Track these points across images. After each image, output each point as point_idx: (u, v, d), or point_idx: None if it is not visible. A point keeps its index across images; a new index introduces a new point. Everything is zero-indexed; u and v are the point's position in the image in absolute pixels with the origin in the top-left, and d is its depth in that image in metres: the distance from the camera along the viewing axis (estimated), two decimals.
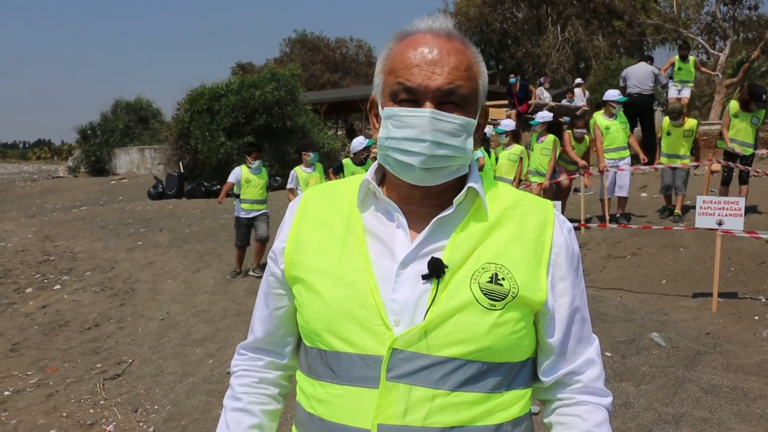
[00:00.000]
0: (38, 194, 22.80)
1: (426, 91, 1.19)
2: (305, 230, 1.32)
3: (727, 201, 6.20)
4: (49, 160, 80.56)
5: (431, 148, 1.18)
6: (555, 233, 1.28)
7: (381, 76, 1.27)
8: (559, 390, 1.32)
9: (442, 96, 1.19)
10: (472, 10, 35.56)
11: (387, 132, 1.21)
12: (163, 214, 14.31)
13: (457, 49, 1.22)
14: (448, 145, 1.19)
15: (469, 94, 1.22)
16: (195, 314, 7.28)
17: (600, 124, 9.41)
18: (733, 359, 4.81)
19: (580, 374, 1.30)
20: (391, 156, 1.21)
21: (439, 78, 1.19)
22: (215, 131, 18.23)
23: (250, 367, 1.45)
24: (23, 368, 6.01)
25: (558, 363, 1.30)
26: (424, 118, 1.18)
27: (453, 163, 1.22)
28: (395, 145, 1.20)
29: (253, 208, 8.68)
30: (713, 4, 24.19)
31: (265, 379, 1.44)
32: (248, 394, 1.42)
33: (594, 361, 1.31)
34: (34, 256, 11.03)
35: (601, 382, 1.32)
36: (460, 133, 1.20)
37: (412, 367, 1.16)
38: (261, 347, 1.44)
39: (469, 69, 1.22)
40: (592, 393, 1.30)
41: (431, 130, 1.17)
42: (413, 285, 1.19)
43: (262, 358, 1.44)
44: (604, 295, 6.70)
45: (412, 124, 1.18)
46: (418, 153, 1.18)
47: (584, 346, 1.31)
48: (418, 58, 1.20)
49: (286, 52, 50.98)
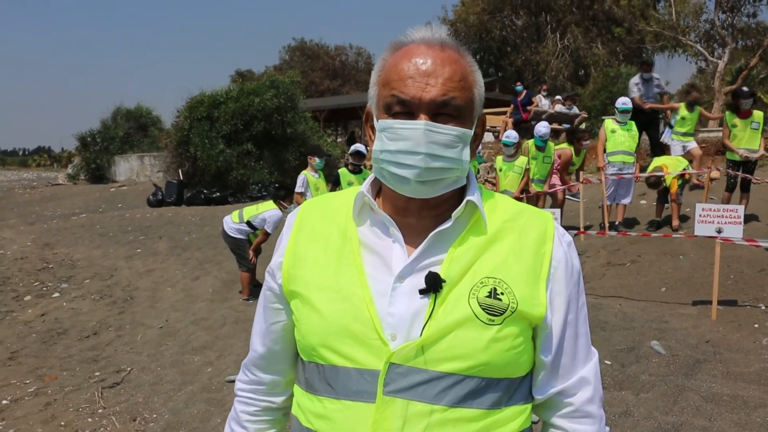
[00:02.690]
0: (38, 201, 22.79)
1: (420, 103, 1.17)
2: (302, 244, 1.31)
3: (726, 209, 6.21)
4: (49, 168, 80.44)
5: (426, 160, 1.17)
6: (555, 247, 1.27)
7: (375, 87, 1.26)
8: (551, 412, 1.31)
9: (437, 107, 1.18)
10: (472, 17, 35.66)
11: (382, 145, 1.21)
12: (162, 221, 14.30)
13: (452, 58, 1.21)
14: (444, 157, 1.18)
15: (464, 105, 1.21)
16: (194, 322, 7.27)
17: (607, 127, 9.61)
18: (733, 367, 4.79)
19: (572, 396, 1.29)
20: (386, 169, 1.20)
21: (433, 89, 1.17)
22: (214, 139, 18.26)
23: (252, 393, 1.47)
24: (21, 377, 5.99)
25: (550, 380, 1.28)
26: (419, 131, 1.16)
27: (449, 175, 1.21)
28: (390, 158, 1.19)
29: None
30: (712, 12, 24.27)
31: (268, 408, 1.47)
32: (252, 422, 1.48)
33: (588, 380, 1.29)
34: (33, 264, 11.02)
35: (594, 405, 1.30)
36: (456, 144, 1.19)
37: (410, 382, 1.15)
38: (262, 365, 1.44)
39: (463, 79, 1.21)
40: (583, 416, 1.29)
41: (426, 142, 1.16)
42: (410, 299, 1.18)
43: (263, 381, 1.45)
44: (604, 303, 6.69)
45: (406, 136, 1.17)
46: (413, 166, 1.17)
47: (580, 363, 1.29)
48: (411, 70, 1.19)
49: (286, 60, 51.20)
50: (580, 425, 1.29)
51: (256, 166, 18.32)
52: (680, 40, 24.65)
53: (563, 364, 1.28)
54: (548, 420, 1.33)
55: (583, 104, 21.80)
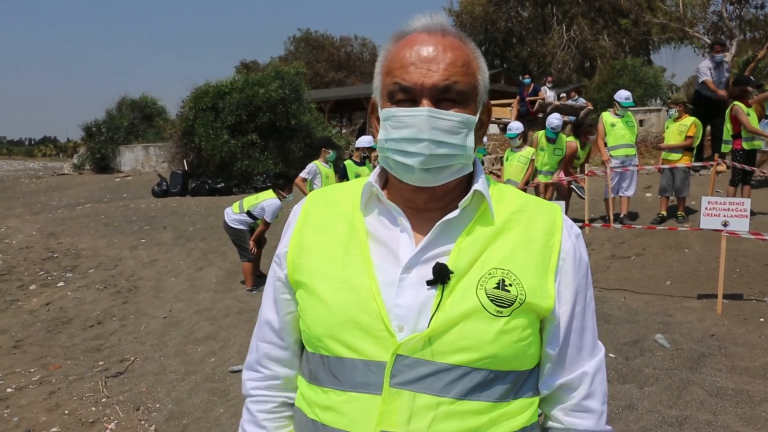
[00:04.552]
0: (43, 191, 22.83)
1: (422, 89, 1.17)
2: (308, 234, 1.30)
3: (732, 202, 6.17)
4: (55, 158, 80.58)
5: (430, 147, 1.16)
6: (563, 238, 1.26)
7: (379, 77, 1.26)
8: (553, 405, 1.30)
9: (439, 93, 1.17)
10: (477, 8, 35.56)
11: (386, 134, 1.20)
12: (166, 211, 14.32)
13: (453, 44, 1.20)
14: (448, 144, 1.17)
15: (468, 90, 1.19)
16: (197, 312, 7.27)
17: (606, 121, 9.50)
18: (738, 361, 4.78)
19: (574, 389, 1.27)
20: (391, 158, 1.20)
21: (435, 75, 1.16)
22: (219, 129, 18.23)
23: (268, 390, 1.40)
24: (26, 365, 6.01)
25: (555, 372, 1.27)
26: (422, 117, 1.15)
27: (454, 162, 1.19)
28: (394, 147, 1.18)
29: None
30: (719, 3, 24.07)
31: (285, 403, 1.40)
32: (271, 420, 1.39)
33: (591, 375, 1.28)
34: (38, 253, 11.05)
35: (596, 400, 1.28)
36: (460, 131, 1.18)
37: (417, 374, 1.14)
38: (274, 359, 1.39)
39: (466, 64, 1.20)
40: (582, 411, 1.28)
41: (429, 128, 1.15)
42: (417, 290, 1.17)
43: (280, 376, 1.39)
44: (608, 296, 6.67)
45: (409, 123, 1.16)
46: (417, 153, 1.16)
47: (585, 356, 1.28)
48: (413, 57, 1.18)
49: (291, 51, 51.11)
50: (577, 419, 1.28)
51: (261, 157, 18.30)
52: (687, 32, 24.47)
53: (568, 356, 1.26)
54: (549, 413, 1.32)
55: (589, 96, 21.71)
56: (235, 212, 8.05)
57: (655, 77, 24.72)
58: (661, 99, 24.75)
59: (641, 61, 26.83)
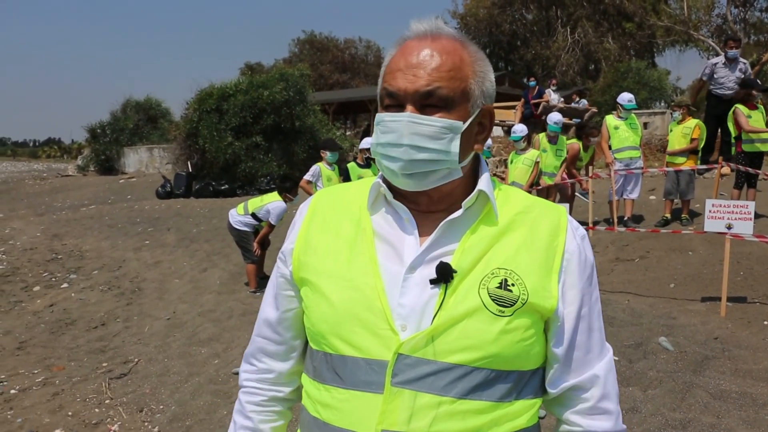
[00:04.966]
0: (47, 192, 22.90)
1: (406, 95, 1.18)
2: (314, 232, 1.31)
3: (736, 204, 6.15)
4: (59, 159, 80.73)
5: (409, 152, 1.17)
6: (568, 239, 1.27)
7: (379, 82, 1.28)
8: (566, 407, 1.30)
9: (422, 98, 1.18)
10: (482, 11, 35.60)
11: (376, 138, 1.23)
12: (170, 213, 14.34)
13: (444, 49, 1.21)
14: (428, 149, 1.17)
15: (452, 96, 1.19)
16: (201, 314, 7.28)
17: (609, 124, 9.50)
18: (742, 364, 4.76)
19: (587, 391, 1.27)
20: (380, 162, 1.23)
21: (419, 81, 1.18)
22: (223, 131, 18.25)
23: (259, 383, 1.44)
24: (30, 366, 6.03)
25: (563, 374, 1.27)
26: (402, 122, 1.17)
27: (438, 168, 1.20)
28: (381, 151, 1.21)
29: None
30: (724, 6, 24.09)
31: (275, 397, 1.44)
32: (258, 413, 1.43)
33: (603, 376, 1.28)
34: (42, 255, 11.08)
35: (610, 401, 1.28)
36: (443, 136, 1.18)
37: (418, 373, 1.15)
38: (273, 353, 1.42)
39: (454, 69, 1.20)
40: (600, 413, 1.27)
41: (409, 133, 1.17)
42: (421, 289, 1.18)
43: (272, 370, 1.42)
44: (612, 299, 6.66)
45: (393, 128, 1.18)
46: (397, 158, 1.18)
47: (594, 358, 1.28)
48: (401, 63, 1.20)
49: (295, 53, 51.15)
50: (596, 421, 1.27)
51: (265, 159, 18.32)
52: (692, 34, 24.48)
53: (576, 358, 1.26)
54: (562, 416, 1.31)
55: (593, 99, 21.71)
56: (240, 214, 8.05)
57: (659, 80, 24.73)
58: (665, 102, 24.73)
59: (646, 64, 26.82)
